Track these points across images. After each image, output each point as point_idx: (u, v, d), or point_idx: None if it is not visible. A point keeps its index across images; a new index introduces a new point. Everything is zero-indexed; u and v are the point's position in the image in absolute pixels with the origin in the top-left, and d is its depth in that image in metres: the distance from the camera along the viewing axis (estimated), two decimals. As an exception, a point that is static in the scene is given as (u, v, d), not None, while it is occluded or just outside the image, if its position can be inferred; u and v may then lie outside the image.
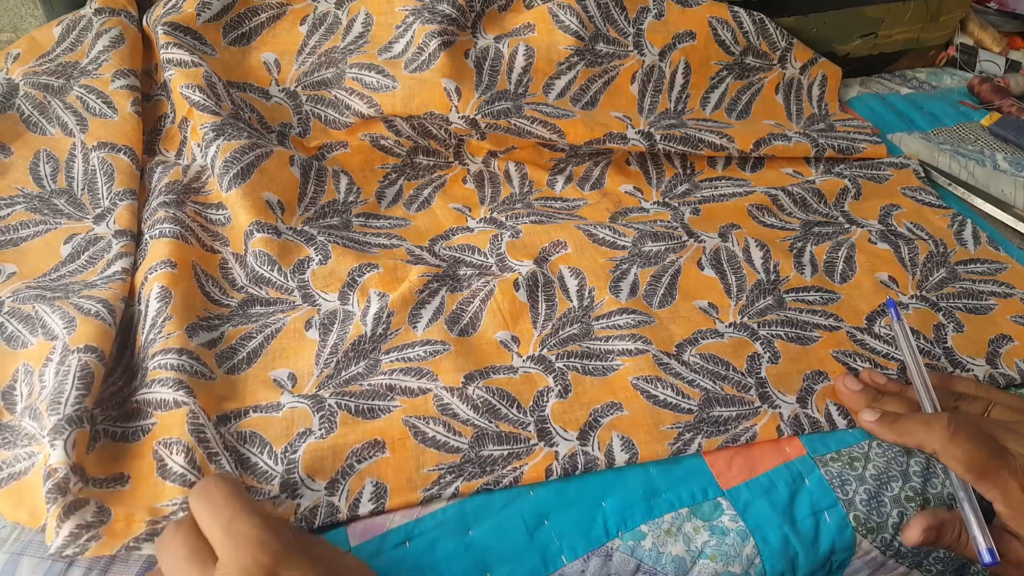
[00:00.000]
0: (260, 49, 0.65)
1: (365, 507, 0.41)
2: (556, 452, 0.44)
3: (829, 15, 0.78)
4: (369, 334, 0.49)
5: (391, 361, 0.48)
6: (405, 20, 0.63)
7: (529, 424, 0.45)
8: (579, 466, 0.43)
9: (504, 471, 0.42)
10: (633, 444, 0.44)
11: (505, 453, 0.43)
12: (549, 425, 0.45)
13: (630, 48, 0.68)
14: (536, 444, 0.44)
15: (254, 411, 0.44)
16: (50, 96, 0.59)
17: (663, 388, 0.47)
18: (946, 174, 0.70)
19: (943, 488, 0.45)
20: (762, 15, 0.73)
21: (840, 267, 0.59)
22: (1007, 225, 0.66)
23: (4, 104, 0.59)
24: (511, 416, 0.45)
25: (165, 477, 0.40)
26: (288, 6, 0.65)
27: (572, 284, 0.54)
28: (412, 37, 0.62)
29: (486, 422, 0.45)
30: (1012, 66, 0.88)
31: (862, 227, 0.63)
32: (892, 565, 0.45)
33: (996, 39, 0.89)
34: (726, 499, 0.43)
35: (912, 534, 0.41)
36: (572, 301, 0.53)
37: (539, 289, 0.53)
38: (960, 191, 0.68)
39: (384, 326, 0.49)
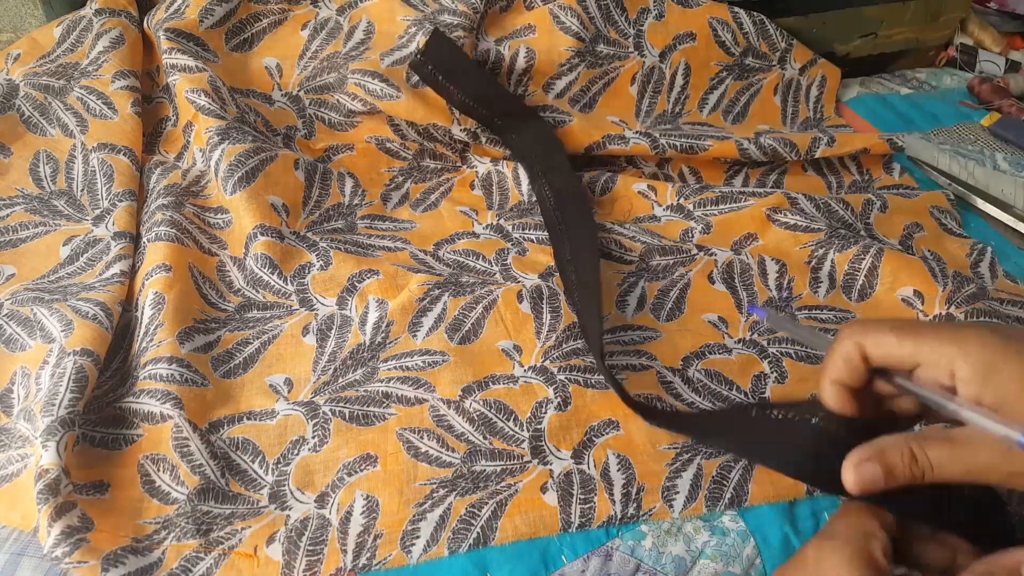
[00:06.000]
0: (262, 54, 0.65)
1: (356, 521, 0.40)
2: (551, 471, 0.43)
3: (829, 15, 0.78)
4: (368, 343, 0.49)
5: (389, 369, 0.47)
6: (407, 31, 0.63)
7: (524, 441, 0.44)
8: (575, 486, 0.42)
9: (498, 487, 0.42)
10: (630, 464, 0.43)
11: (499, 470, 0.43)
12: (543, 443, 0.44)
13: (631, 49, 0.68)
14: (530, 462, 0.43)
15: (248, 417, 0.44)
16: (50, 97, 0.59)
17: (662, 407, 0.47)
18: (946, 174, 0.70)
19: (943, 488, 0.45)
20: (762, 15, 0.73)
21: (860, 281, 0.56)
22: (1007, 225, 0.66)
23: (4, 105, 0.59)
24: (507, 430, 0.45)
25: (151, 494, 0.40)
26: (290, 12, 0.65)
27: None
28: (415, 50, 0.62)
29: (480, 437, 0.44)
30: (1012, 66, 0.88)
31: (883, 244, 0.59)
32: (892, 565, 0.45)
33: (996, 39, 0.89)
34: (726, 499, 0.43)
35: (849, 476, 0.30)
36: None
37: (543, 301, 0.52)
38: (960, 191, 0.68)
39: (383, 335, 0.49)
